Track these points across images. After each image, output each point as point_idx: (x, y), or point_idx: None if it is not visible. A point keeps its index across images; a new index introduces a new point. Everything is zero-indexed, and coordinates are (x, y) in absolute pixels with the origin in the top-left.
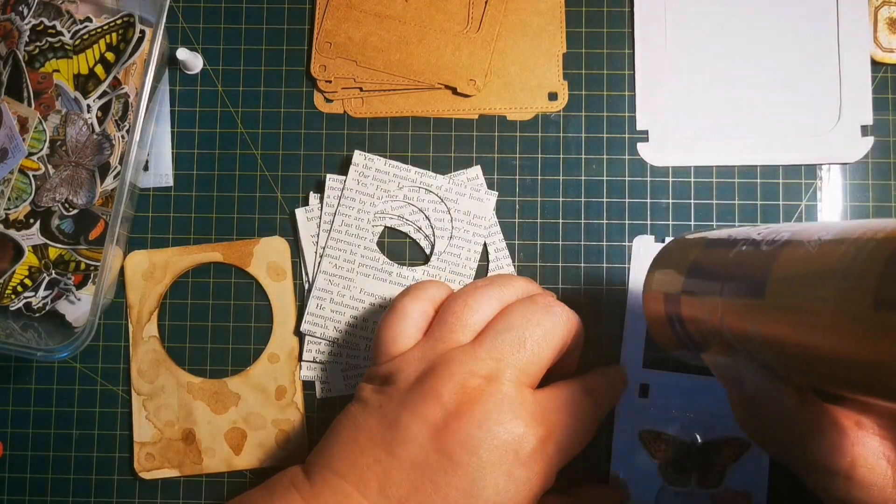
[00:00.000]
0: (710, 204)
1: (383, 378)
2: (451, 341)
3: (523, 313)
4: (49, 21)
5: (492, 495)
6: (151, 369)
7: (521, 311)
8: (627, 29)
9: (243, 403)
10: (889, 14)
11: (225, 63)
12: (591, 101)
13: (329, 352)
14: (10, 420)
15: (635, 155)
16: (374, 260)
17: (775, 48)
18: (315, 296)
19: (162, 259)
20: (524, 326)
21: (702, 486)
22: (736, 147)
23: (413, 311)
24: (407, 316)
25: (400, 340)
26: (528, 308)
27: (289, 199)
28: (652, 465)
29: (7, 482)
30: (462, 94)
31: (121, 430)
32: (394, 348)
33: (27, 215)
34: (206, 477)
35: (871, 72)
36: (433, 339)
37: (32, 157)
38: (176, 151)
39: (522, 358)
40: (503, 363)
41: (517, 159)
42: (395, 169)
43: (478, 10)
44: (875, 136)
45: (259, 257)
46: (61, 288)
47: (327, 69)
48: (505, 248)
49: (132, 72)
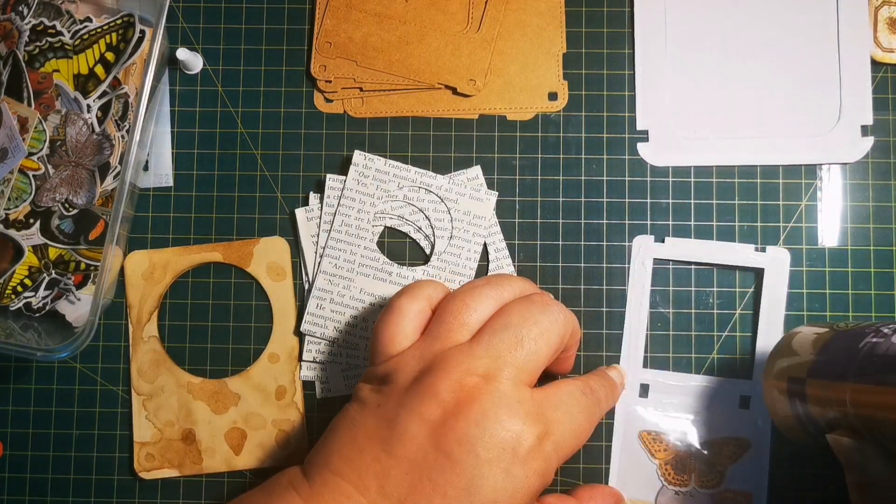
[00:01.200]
0: (710, 204)
1: (381, 377)
2: (449, 340)
3: (521, 312)
4: (49, 21)
5: (490, 493)
6: (151, 369)
7: (519, 310)
8: (627, 29)
9: (243, 403)
10: (889, 14)
11: (225, 63)
12: (591, 101)
13: (329, 352)
14: (10, 420)
15: (635, 155)
16: (374, 260)
17: (775, 48)
18: (315, 296)
19: (162, 259)
20: (522, 325)
21: (702, 486)
22: (736, 147)
23: (410, 311)
24: (404, 315)
25: (397, 340)
26: (525, 307)
27: (289, 199)
28: (652, 464)
29: (7, 482)
30: (462, 94)
31: (121, 430)
32: (391, 348)
33: (27, 215)
34: (206, 477)
35: (871, 72)
36: (431, 338)
37: (32, 157)
38: (176, 151)
39: (520, 356)
40: (501, 361)
41: (517, 159)
42: (395, 169)
43: (478, 10)
44: (875, 136)
45: (259, 257)
46: (61, 288)
47: (327, 69)
48: (505, 248)
49: (132, 72)
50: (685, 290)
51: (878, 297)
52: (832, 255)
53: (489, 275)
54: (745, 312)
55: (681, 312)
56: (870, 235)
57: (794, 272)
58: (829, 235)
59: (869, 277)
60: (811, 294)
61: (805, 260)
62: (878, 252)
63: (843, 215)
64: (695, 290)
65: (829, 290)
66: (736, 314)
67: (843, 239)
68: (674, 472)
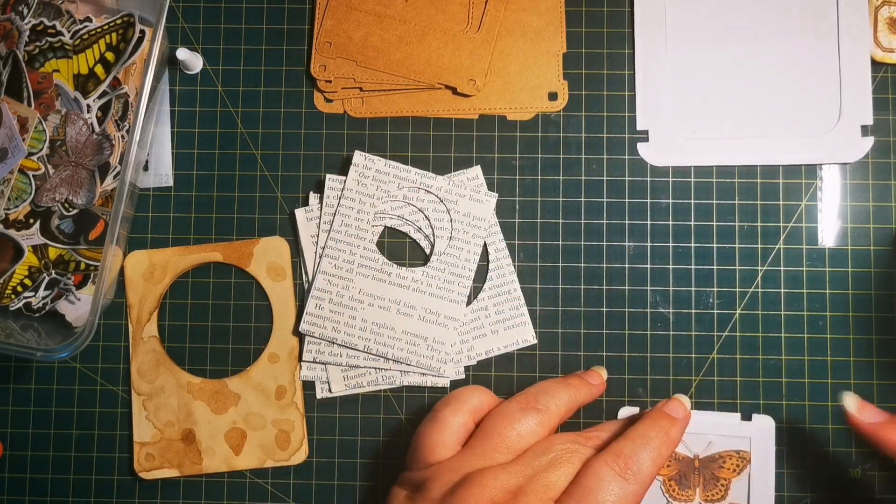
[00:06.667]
0: (710, 204)
1: (416, 485)
2: (492, 460)
3: (566, 448)
4: (49, 21)
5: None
6: (151, 369)
7: (564, 445)
8: (627, 29)
9: (243, 403)
10: (889, 14)
11: (225, 63)
12: (591, 101)
13: (329, 352)
14: (10, 420)
15: (635, 155)
16: (374, 260)
17: (775, 48)
18: (314, 296)
19: (162, 259)
20: (562, 456)
21: (706, 500)
22: (736, 147)
23: (453, 424)
24: (446, 428)
25: (438, 451)
26: (571, 446)
27: (289, 199)
28: (655, 481)
29: (7, 482)
30: (462, 94)
31: (121, 430)
32: (431, 457)
33: (27, 215)
34: (206, 477)
35: (871, 72)
36: (474, 453)
37: (32, 157)
38: (176, 151)
39: (553, 476)
40: (534, 480)
41: (517, 159)
42: (395, 169)
43: (478, 10)
44: (875, 136)
45: (259, 257)
46: (61, 288)
47: (327, 69)
48: (505, 248)
49: (132, 72)
50: (685, 290)
51: (878, 296)
52: (832, 255)
53: (539, 389)
54: (745, 312)
55: (681, 312)
56: (870, 235)
57: (794, 272)
58: (829, 235)
59: (869, 277)
60: (811, 294)
61: (805, 260)
62: (878, 252)
63: (843, 215)
64: (695, 290)
65: (829, 290)
66: (736, 314)
67: (843, 239)
68: (678, 488)
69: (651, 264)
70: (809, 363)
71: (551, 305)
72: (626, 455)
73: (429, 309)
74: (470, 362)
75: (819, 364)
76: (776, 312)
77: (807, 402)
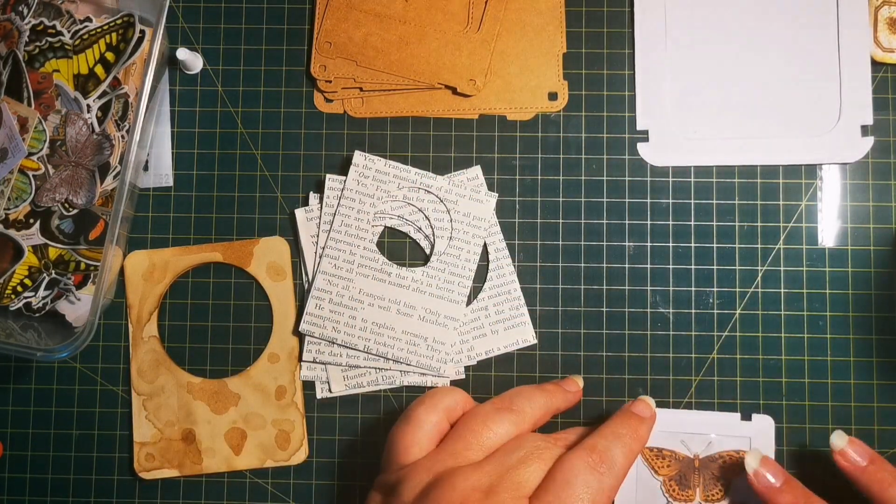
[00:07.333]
0: (710, 204)
1: (390, 487)
2: (464, 458)
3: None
4: (49, 21)
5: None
6: (151, 369)
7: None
8: (627, 29)
9: (243, 403)
10: (889, 14)
11: (225, 63)
12: (591, 101)
13: (329, 352)
14: (10, 420)
15: (635, 155)
16: (374, 260)
17: (775, 48)
18: (314, 296)
19: (162, 259)
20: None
21: (707, 500)
22: (736, 147)
23: (426, 423)
24: (420, 427)
25: (411, 451)
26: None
27: (289, 199)
28: (656, 482)
29: (7, 482)
30: (462, 94)
31: (121, 430)
32: (405, 457)
33: (27, 215)
34: (206, 477)
35: (871, 72)
36: (446, 452)
37: (32, 157)
38: (176, 151)
39: (525, 473)
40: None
41: (517, 159)
42: (395, 169)
43: (478, 10)
44: (875, 136)
45: (259, 257)
46: (61, 288)
47: (327, 69)
48: (505, 248)
49: (132, 72)
50: (685, 290)
51: (878, 296)
52: (832, 255)
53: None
54: (745, 312)
55: (681, 312)
56: (870, 235)
57: (794, 272)
58: (829, 235)
59: (869, 277)
60: (811, 294)
61: (805, 260)
62: (878, 252)
63: (843, 215)
64: (695, 290)
65: (829, 290)
66: (736, 314)
67: (843, 239)
68: (678, 489)
69: (651, 264)
70: (809, 363)
71: (551, 305)
72: (600, 450)
73: (429, 309)
74: (470, 362)
75: (819, 364)
76: (776, 312)
77: (807, 402)
